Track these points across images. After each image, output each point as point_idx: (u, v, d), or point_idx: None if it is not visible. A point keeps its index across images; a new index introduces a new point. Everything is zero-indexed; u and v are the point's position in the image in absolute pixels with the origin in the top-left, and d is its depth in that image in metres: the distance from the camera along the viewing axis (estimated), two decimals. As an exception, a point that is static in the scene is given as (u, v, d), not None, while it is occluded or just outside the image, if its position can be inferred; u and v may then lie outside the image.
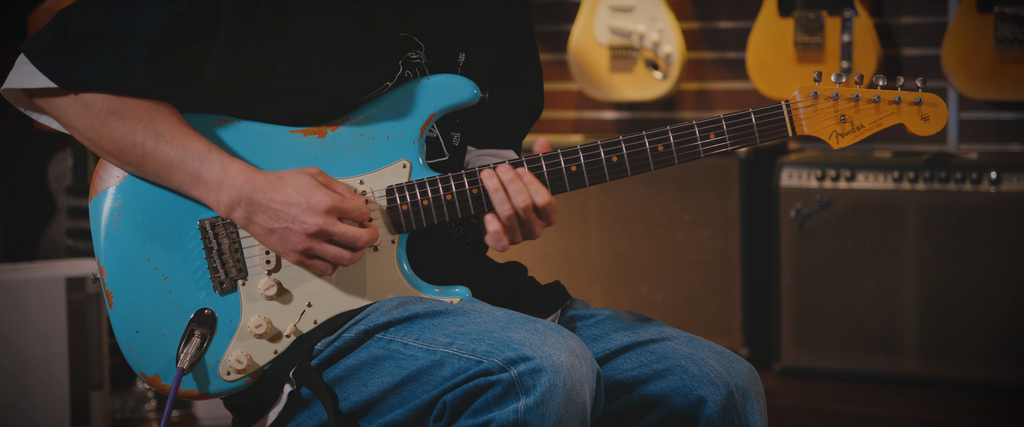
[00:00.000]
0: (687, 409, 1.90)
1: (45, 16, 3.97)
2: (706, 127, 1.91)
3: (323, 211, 1.82)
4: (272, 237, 1.85)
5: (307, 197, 1.82)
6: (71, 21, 1.87)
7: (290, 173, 1.85)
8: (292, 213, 1.83)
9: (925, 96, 1.90)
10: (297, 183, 1.83)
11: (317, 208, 1.82)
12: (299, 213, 1.82)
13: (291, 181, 1.84)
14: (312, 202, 1.82)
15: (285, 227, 1.83)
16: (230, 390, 1.92)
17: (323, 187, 1.84)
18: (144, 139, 1.87)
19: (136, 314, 1.91)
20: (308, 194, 1.82)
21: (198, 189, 1.87)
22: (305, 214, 1.82)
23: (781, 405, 3.86)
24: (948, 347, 3.92)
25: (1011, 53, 3.89)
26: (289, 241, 1.84)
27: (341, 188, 1.86)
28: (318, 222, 1.82)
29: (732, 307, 4.21)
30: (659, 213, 4.27)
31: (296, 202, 1.82)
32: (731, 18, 4.55)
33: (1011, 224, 3.84)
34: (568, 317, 2.03)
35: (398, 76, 1.94)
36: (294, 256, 1.86)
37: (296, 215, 1.82)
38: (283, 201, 1.83)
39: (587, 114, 4.79)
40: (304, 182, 1.83)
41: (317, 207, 1.82)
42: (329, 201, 1.82)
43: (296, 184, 1.83)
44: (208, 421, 3.66)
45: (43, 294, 3.56)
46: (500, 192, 1.88)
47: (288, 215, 1.83)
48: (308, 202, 1.82)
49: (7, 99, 1.94)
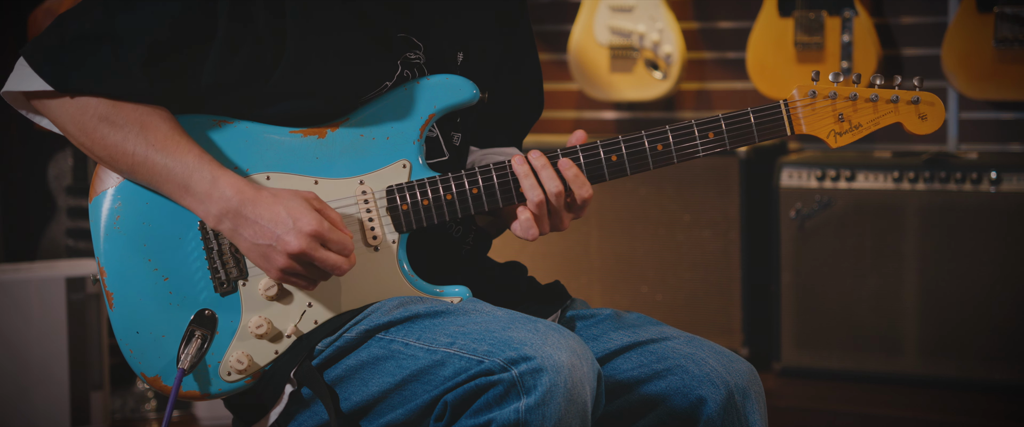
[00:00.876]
0: (687, 409, 1.90)
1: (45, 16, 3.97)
2: (705, 126, 1.91)
3: (308, 234, 1.81)
4: (255, 252, 1.85)
5: (295, 218, 1.82)
6: (70, 24, 1.87)
7: (286, 193, 1.85)
8: (277, 232, 1.82)
9: (922, 95, 1.90)
10: (289, 204, 1.83)
11: (302, 230, 1.81)
12: (284, 233, 1.82)
13: (284, 201, 1.83)
14: (299, 224, 1.82)
15: (268, 245, 1.83)
16: (231, 391, 1.92)
17: (314, 211, 1.83)
18: (135, 147, 1.87)
19: (136, 315, 1.91)
20: (297, 215, 1.82)
21: (187, 199, 1.87)
22: (289, 234, 1.82)
23: (781, 405, 3.87)
24: (948, 347, 3.92)
25: (1011, 53, 3.89)
26: (271, 259, 1.84)
27: (333, 216, 1.86)
28: (301, 244, 1.81)
29: (732, 307, 4.21)
30: (659, 213, 4.27)
31: (283, 221, 1.82)
32: (731, 18, 4.55)
33: (1011, 224, 3.84)
34: (568, 317, 2.03)
35: (397, 76, 1.94)
36: (275, 273, 1.85)
37: (281, 234, 1.82)
38: (271, 219, 1.83)
39: (587, 114, 4.79)
40: (296, 204, 1.83)
41: (303, 229, 1.81)
42: (315, 226, 1.82)
43: (288, 204, 1.83)
44: (208, 421, 3.66)
45: (43, 294, 3.56)
46: (530, 177, 1.89)
47: (273, 233, 1.82)
48: (295, 223, 1.82)
49: (8, 102, 1.94)
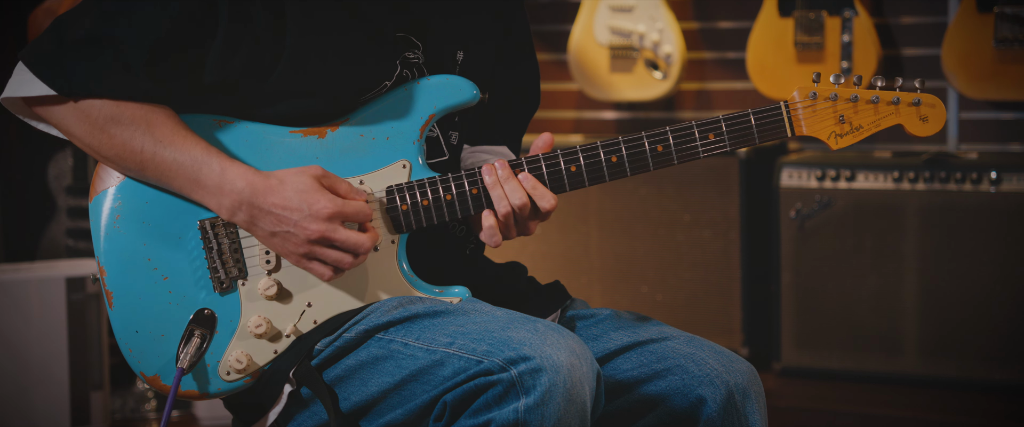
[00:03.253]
0: (687, 409, 1.90)
1: (45, 16, 3.97)
2: (705, 128, 1.91)
3: (325, 217, 1.82)
4: (274, 239, 1.86)
5: (309, 203, 1.82)
6: (69, 28, 1.87)
7: (290, 175, 1.85)
8: (294, 218, 1.83)
9: (923, 97, 1.90)
10: (299, 186, 1.83)
11: (319, 214, 1.82)
12: (301, 219, 1.82)
13: (292, 184, 1.83)
14: (314, 209, 1.82)
15: (287, 231, 1.84)
16: (230, 390, 1.92)
17: (325, 190, 1.84)
18: (143, 144, 1.87)
19: (136, 314, 1.91)
20: (310, 200, 1.82)
21: (198, 193, 1.87)
22: (307, 220, 1.82)
23: (781, 405, 3.87)
24: (948, 347, 3.92)
25: (1011, 53, 3.89)
26: (290, 244, 1.84)
27: (343, 188, 1.86)
28: (320, 229, 1.82)
29: (732, 307, 4.21)
30: (659, 213, 4.27)
31: (297, 207, 1.82)
32: (731, 18, 4.55)
33: (1011, 224, 3.84)
34: (568, 317, 2.03)
35: (396, 76, 1.95)
36: (295, 258, 1.86)
37: (298, 220, 1.82)
38: (284, 206, 1.83)
39: (587, 114, 4.79)
40: (305, 185, 1.83)
41: (319, 213, 1.82)
42: (331, 207, 1.82)
43: (297, 187, 1.83)
44: (208, 421, 3.66)
45: (43, 294, 3.56)
46: (498, 188, 1.89)
47: (290, 220, 1.83)
48: (310, 209, 1.82)
49: (7, 107, 1.94)
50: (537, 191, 1.89)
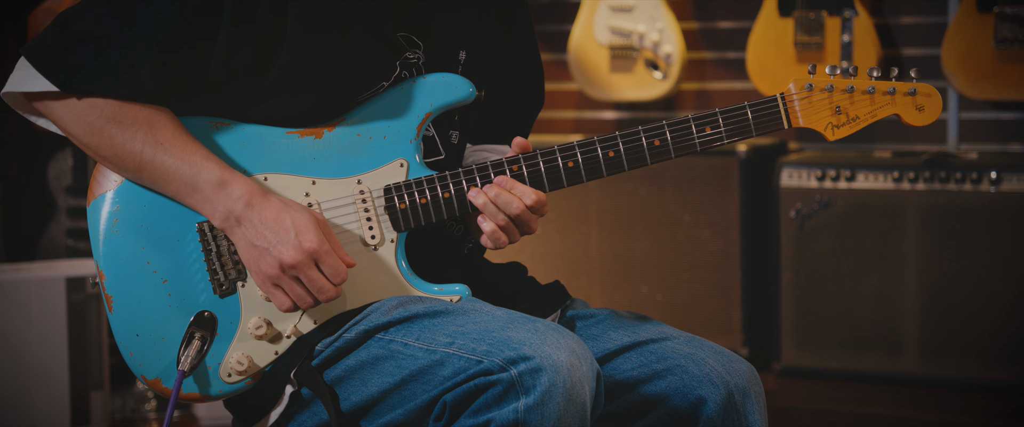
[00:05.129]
0: (687, 409, 1.90)
1: (45, 16, 3.97)
2: (702, 121, 1.91)
3: (307, 250, 1.82)
4: (252, 251, 1.85)
5: (299, 231, 1.82)
6: (73, 24, 1.86)
7: (298, 206, 1.85)
8: (276, 238, 1.82)
9: (919, 86, 1.90)
10: (297, 217, 1.83)
11: (302, 245, 1.81)
12: (283, 241, 1.82)
13: (292, 213, 1.83)
14: (301, 237, 1.82)
15: (265, 248, 1.83)
16: (231, 392, 1.92)
17: (320, 231, 1.83)
18: (143, 147, 1.86)
19: (136, 317, 1.91)
20: (302, 229, 1.82)
21: (193, 198, 1.87)
22: (287, 245, 1.82)
23: (781, 405, 3.86)
24: (948, 347, 3.92)
25: (1011, 53, 3.89)
26: (264, 263, 1.84)
27: (335, 243, 1.86)
28: (297, 258, 1.82)
29: (732, 307, 4.21)
30: (659, 213, 4.27)
31: (286, 230, 1.82)
32: (731, 18, 4.55)
33: (1011, 224, 3.84)
34: (568, 317, 2.03)
35: (395, 76, 1.94)
36: (260, 278, 1.85)
37: (279, 242, 1.82)
38: (275, 225, 1.83)
39: (587, 114, 4.79)
40: (304, 219, 1.83)
41: (303, 244, 1.81)
42: (316, 244, 1.82)
43: (295, 217, 1.83)
44: (208, 421, 3.66)
45: (43, 294, 3.56)
46: (490, 206, 1.89)
47: (272, 239, 1.83)
48: (297, 236, 1.82)
49: (7, 102, 1.93)
50: (516, 189, 1.89)
